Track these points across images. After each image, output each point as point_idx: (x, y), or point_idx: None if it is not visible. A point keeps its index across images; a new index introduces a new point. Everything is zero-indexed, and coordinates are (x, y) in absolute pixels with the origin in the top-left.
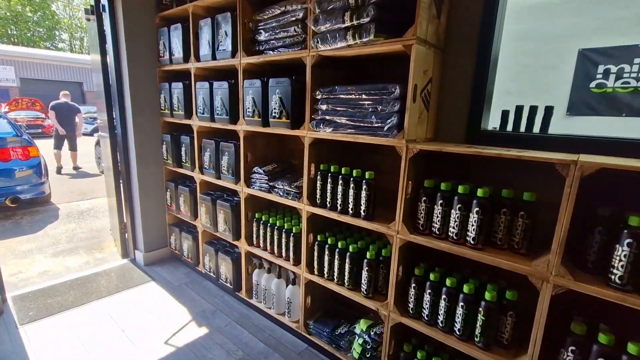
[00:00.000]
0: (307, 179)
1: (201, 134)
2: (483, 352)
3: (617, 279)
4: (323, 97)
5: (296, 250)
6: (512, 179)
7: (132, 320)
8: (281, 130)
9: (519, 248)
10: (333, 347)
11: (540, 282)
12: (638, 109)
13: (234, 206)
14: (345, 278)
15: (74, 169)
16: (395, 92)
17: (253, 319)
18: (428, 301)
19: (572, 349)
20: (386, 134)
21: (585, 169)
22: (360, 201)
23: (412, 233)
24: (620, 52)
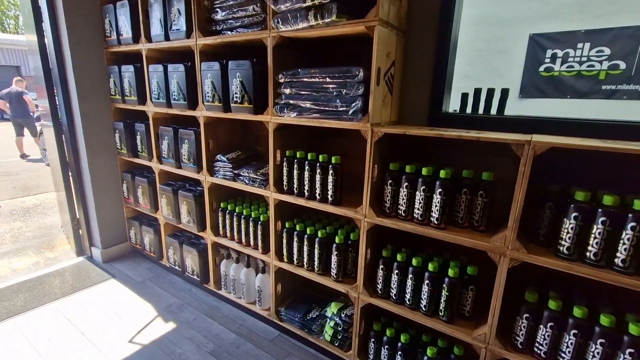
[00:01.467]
0: (272, 165)
1: (157, 120)
2: (447, 325)
3: (565, 249)
4: (286, 80)
5: (264, 239)
6: (472, 159)
7: (92, 321)
8: (244, 115)
9: (478, 225)
10: (305, 332)
11: (498, 257)
12: (581, 91)
13: (197, 196)
14: (315, 263)
15: (21, 157)
16: (359, 75)
17: (223, 310)
18: (395, 281)
19: (526, 316)
20: (351, 117)
21: (538, 148)
22: (327, 186)
23: (379, 216)
24: (566, 38)
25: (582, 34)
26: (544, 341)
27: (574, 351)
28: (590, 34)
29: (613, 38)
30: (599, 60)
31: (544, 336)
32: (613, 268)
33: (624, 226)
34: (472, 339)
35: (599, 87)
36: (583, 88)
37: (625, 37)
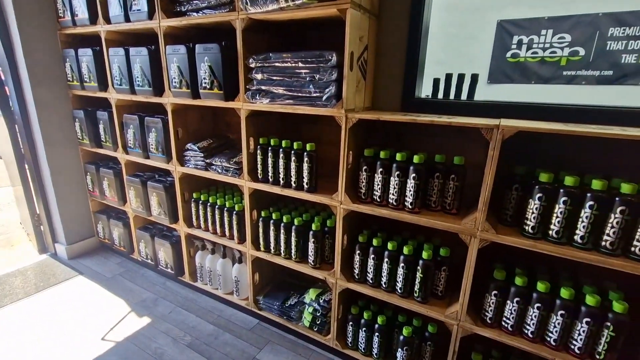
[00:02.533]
0: (246, 153)
1: (121, 108)
2: (421, 305)
3: (530, 229)
4: (257, 65)
5: (240, 228)
6: (444, 144)
7: (60, 321)
8: (214, 102)
9: (450, 209)
10: (284, 319)
11: (469, 238)
12: (544, 77)
13: (167, 187)
14: (292, 251)
15: None
16: (332, 60)
17: (200, 302)
18: (372, 265)
19: (495, 292)
20: (325, 103)
21: (506, 132)
22: (302, 174)
23: (354, 202)
24: (531, 24)
25: (545, 20)
26: (511, 315)
27: (537, 323)
28: (553, 20)
29: (573, 25)
30: (561, 46)
31: (511, 310)
32: (573, 244)
33: (582, 205)
34: (444, 317)
35: (561, 73)
36: (546, 74)
37: (584, 24)
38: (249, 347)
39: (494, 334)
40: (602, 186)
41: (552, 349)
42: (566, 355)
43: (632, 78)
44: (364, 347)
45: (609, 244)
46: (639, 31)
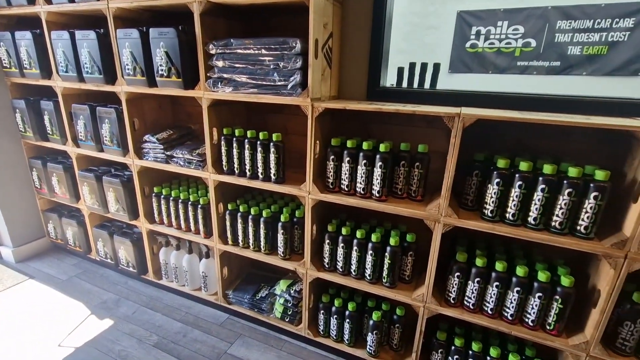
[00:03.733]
0: (209, 145)
1: (69, 97)
2: (389, 290)
3: (489, 212)
4: (218, 52)
5: (206, 222)
6: (409, 132)
7: (10, 329)
8: (172, 91)
9: (415, 196)
10: (255, 312)
11: (433, 224)
12: (501, 67)
13: (125, 182)
14: (262, 244)
15: None
16: (296, 47)
17: (166, 300)
18: (341, 254)
19: (458, 274)
20: (290, 92)
21: (466, 120)
22: (269, 165)
23: (323, 192)
24: (488, 15)
25: (501, 12)
26: (472, 294)
27: (496, 300)
28: (508, 12)
29: (526, 17)
30: (515, 38)
31: (472, 290)
32: (527, 225)
33: (535, 188)
34: (412, 300)
35: (515, 63)
36: (502, 64)
37: (536, 16)
38: (220, 342)
39: (457, 313)
40: (552, 170)
41: (509, 323)
42: (521, 327)
43: (576, 68)
44: (336, 333)
45: (558, 224)
46: (583, 24)
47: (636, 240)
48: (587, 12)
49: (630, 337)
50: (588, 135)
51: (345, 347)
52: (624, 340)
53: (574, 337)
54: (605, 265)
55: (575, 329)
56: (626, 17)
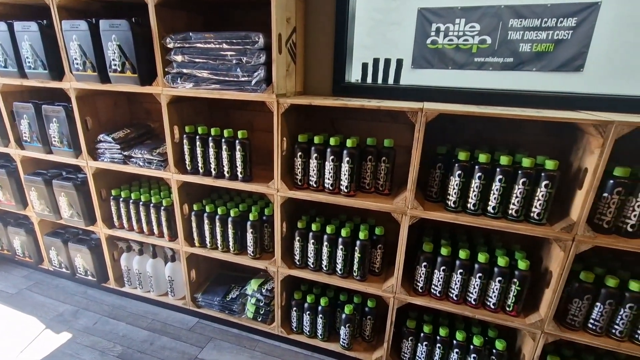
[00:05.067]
0: (171, 143)
1: (9, 95)
2: (361, 283)
3: (452, 203)
4: (176, 46)
5: (170, 225)
6: (375, 127)
7: None
8: (128, 87)
9: (383, 190)
10: (226, 313)
11: (401, 216)
12: (459, 63)
13: (79, 185)
14: (230, 244)
15: None
16: (259, 42)
17: (130, 307)
18: (312, 250)
19: (425, 264)
20: (255, 88)
21: (429, 115)
22: (235, 163)
23: (291, 189)
24: (446, 13)
25: (459, 10)
26: (439, 282)
27: (460, 286)
28: (465, 10)
29: (481, 15)
30: (472, 35)
31: (438, 278)
32: (487, 214)
33: (493, 179)
34: (382, 292)
35: (472, 60)
36: (460, 60)
37: (490, 14)
38: (190, 347)
39: (424, 301)
40: (508, 161)
41: (472, 308)
42: (484, 311)
43: (527, 64)
44: (309, 329)
45: (514, 212)
46: (532, 23)
47: (582, 224)
48: (536, 12)
49: (578, 313)
50: (539, 127)
51: (319, 342)
52: (574, 316)
53: (530, 316)
54: (556, 248)
55: (532, 309)
56: (569, 16)
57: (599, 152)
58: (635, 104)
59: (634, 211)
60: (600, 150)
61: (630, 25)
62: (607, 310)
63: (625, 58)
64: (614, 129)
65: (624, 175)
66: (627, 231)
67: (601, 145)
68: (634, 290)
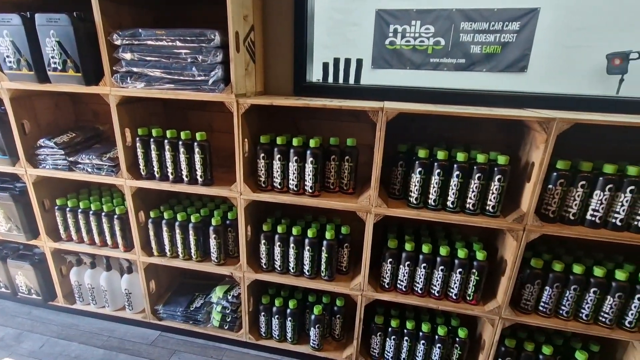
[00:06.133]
0: (122, 147)
1: None
2: (329, 283)
3: (414, 200)
4: (124, 43)
5: (125, 234)
6: (337, 126)
7: None
8: (71, 87)
9: (347, 189)
10: (191, 324)
11: (365, 215)
12: (416, 63)
13: (18, 195)
14: (192, 251)
15: None
16: (215, 40)
17: (82, 326)
18: (279, 253)
19: (390, 260)
20: (212, 88)
21: (389, 114)
22: (194, 166)
23: (255, 191)
24: (403, 14)
25: (414, 12)
26: (404, 277)
27: (424, 280)
28: (420, 13)
29: (435, 18)
30: (427, 36)
31: (403, 273)
32: (446, 209)
33: (451, 175)
34: (350, 290)
35: (428, 60)
36: (417, 60)
37: (443, 17)
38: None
39: (391, 297)
40: (464, 158)
41: (436, 299)
42: (446, 302)
43: (478, 65)
44: (278, 333)
45: (471, 206)
46: (481, 26)
47: (531, 215)
48: (484, 15)
49: (531, 297)
50: (491, 125)
51: (289, 345)
52: (527, 301)
53: (489, 303)
54: (509, 238)
55: (490, 297)
56: (513, 20)
57: (543, 147)
58: (574, 102)
59: (575, 200)
60: (544, 145)
61: (566, 30)
62: (555, 293)
63: (562, 60)
64: (556, 126)
65: (565, 167)
66: (570, 219)
67: (545, 141)
68: (577, 273)
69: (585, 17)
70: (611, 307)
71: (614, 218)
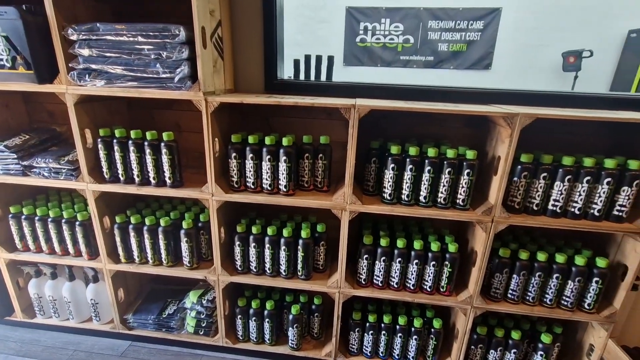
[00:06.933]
0: (82, 149)
1: None
2: (306, 282)
3: (388, 196)
4: (81, 38)
5: (89, 241)
6: (310, 124)
7: None
8: (22, 85)
9: (322, 187)
10: (164, 332)
11: (340, 212)
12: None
13: None
14: (163, 256)
15: None
16: (180, 35)
17: (45, 340)
18: (254, 254)
19: (366, 256)
20: (178, 86)
21: (361, 111)
22: (162, 168)
23: (227, 192)
24: (372, 12)
25: (384, 10)
26: (380, 272)
27: (400, 274)
28: (390, 11)
29: (404, 16)
30: (397, 34)
31: (379, 269)
32: (419, 204)
33: (423, 170)
34: (327, 288)
35: (398, 58)
36: (388, 58)
37: (411, 16)
38: None
39: (368, 292)
40: (435, 153)
41: (411, 292)
42: (421, 294)
43: (446, 63)
44: (256, 336)
45: (442, 200)
46: (447, 25)
47: (499, 207)
48: (450, 14)
49: (500, 286)
50: (459, 120)
51: (267, 347)
52: (496, 289)
53: (461, 294)
54: (479, 230)
55: (462, 287)
56: (477, 19)
57: (508, 141)
58: (535, 98)
59: (537, 192)
60: (509, 139)
61: (526, 30)
62: (522, 280)
63: (523, 58)
64: (519, 120)
65: (528, 160)
66: (533, 210)
67: (510, 135)
68: (541, 260)
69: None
70: (572, 291)
71: (573, 207)
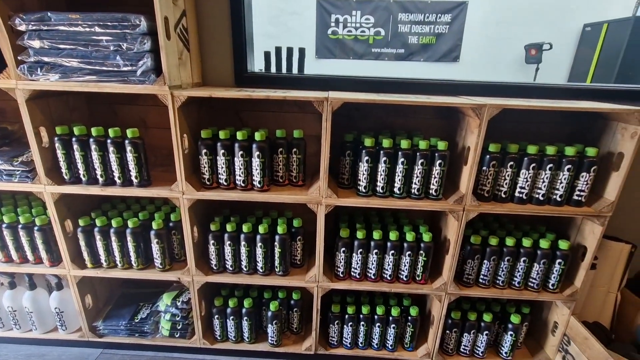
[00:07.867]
0: (37, 149)
1: None
2: (283, 278)
3: (363, 188)
4: (31, 28)
5: (50, 247)
6: (283, 118)
7: None
8: None
9: (297, 181)
10: (137, 337)
11: (316, 206)
12: (359, 53)
13: None
14: (132, 259)
15: None
16: (141, 25)
17: (5, 355)
18: (229, 252)
19: (343, 249)
20: (141, 79)
21: (334, 104)
22: (127, 166)
23: (199, 190)
24: (343, 4)
25: (354, 2)
26: (357, 265)
27: (376, 265)
28: (360, 3)
29: (374, 8)
30: (368, 27)
31: (357, 261)
32: (393, 195)
33: (396, 162)
34: (305, 283)
35: (370, 50)
36: (360, 50)
37: (382, 8)
38: None
39: (346, 285)
40: (408, 145)
41: (388, 283)
42: (398, 284)
43: (416, 55)
44: (234, 335)
45: (416, 191)
46: (417, 17)
47: (469, 195)
48: (419, 7)
49: (472, 271)
50: (430, 112)
51: (246, 345)
52: (468, 275)
53: (436, 281)
54: (451, 219)
55: (436, 275)
56: (445, 13)
57: (477, 131)
58: (500, 89)
59: (505, 180)
60: (478, 130)
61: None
62: (492, 265)
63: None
64: (487, 111)
65: (496, 150)
66: (502, 197)
67: (478, 126)
68: (509, 245)
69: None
70: (538, 272)
71: (537, 193)
